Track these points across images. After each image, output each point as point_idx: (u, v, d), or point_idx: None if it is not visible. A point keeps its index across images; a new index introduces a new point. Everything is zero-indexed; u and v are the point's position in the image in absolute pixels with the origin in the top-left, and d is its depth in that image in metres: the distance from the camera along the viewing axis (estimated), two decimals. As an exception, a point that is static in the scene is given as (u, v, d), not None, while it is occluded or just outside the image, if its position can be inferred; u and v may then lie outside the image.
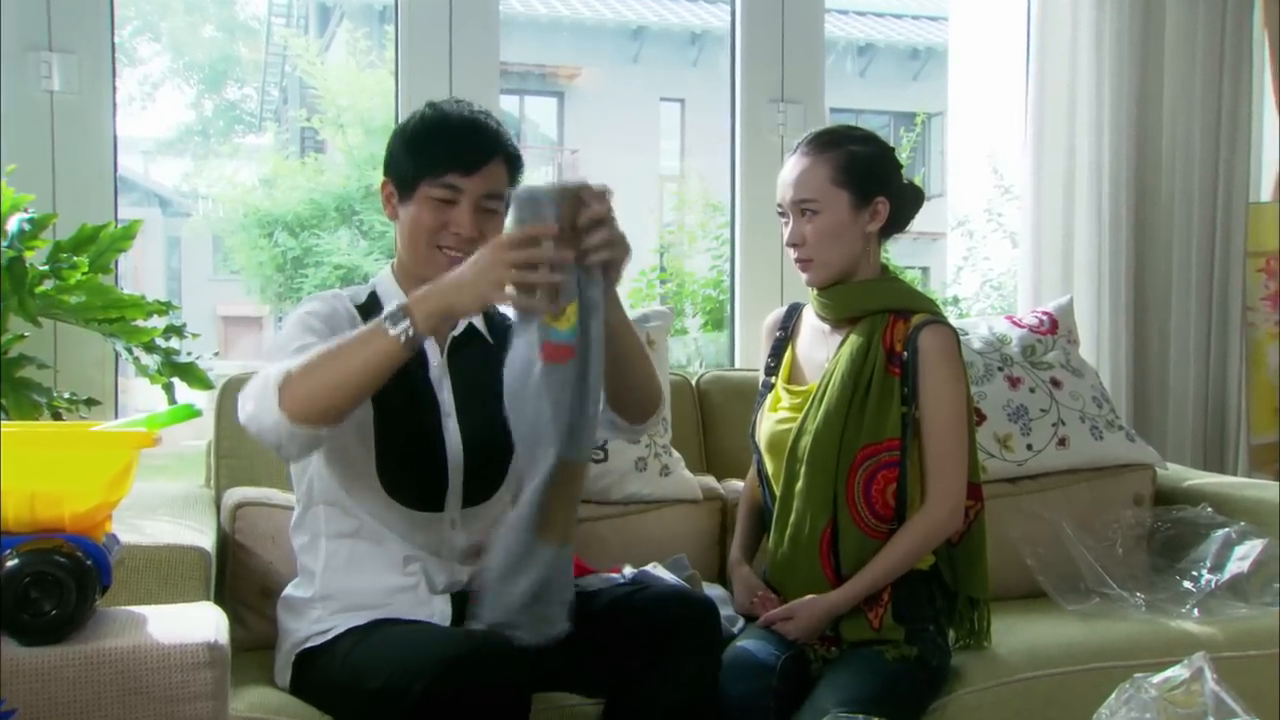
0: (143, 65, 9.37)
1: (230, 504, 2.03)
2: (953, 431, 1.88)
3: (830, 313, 1.98)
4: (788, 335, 2.08)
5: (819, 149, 1.92)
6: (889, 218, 1.94)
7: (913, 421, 1.88)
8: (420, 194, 1.69)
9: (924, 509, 1.87)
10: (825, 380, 1.92)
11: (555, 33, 9.58)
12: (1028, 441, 2.44)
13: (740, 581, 1.99)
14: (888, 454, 1.86)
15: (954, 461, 1.88)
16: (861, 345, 1.90)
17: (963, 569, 1.95)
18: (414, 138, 1.71)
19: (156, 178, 9.92)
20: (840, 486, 1.86)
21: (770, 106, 2.94)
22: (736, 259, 2.98)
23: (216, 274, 9.55)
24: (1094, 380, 2.59)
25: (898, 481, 1.86)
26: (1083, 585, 2.22)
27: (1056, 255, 3.08)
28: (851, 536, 1.86)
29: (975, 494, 1.94)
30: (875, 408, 1.87)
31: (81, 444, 1.35)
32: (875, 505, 1.86)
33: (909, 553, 1.86)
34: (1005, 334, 2.56)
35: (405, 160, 1.70)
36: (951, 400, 1.88)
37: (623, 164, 8.74)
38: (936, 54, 10.35)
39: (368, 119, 7.49)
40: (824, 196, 1.90)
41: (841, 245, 1.91)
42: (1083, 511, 2.39)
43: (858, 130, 1.98)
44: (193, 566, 1.72)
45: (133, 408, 2.69)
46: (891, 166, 1.96)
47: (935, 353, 1.88)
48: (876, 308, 1.94)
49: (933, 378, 1.87)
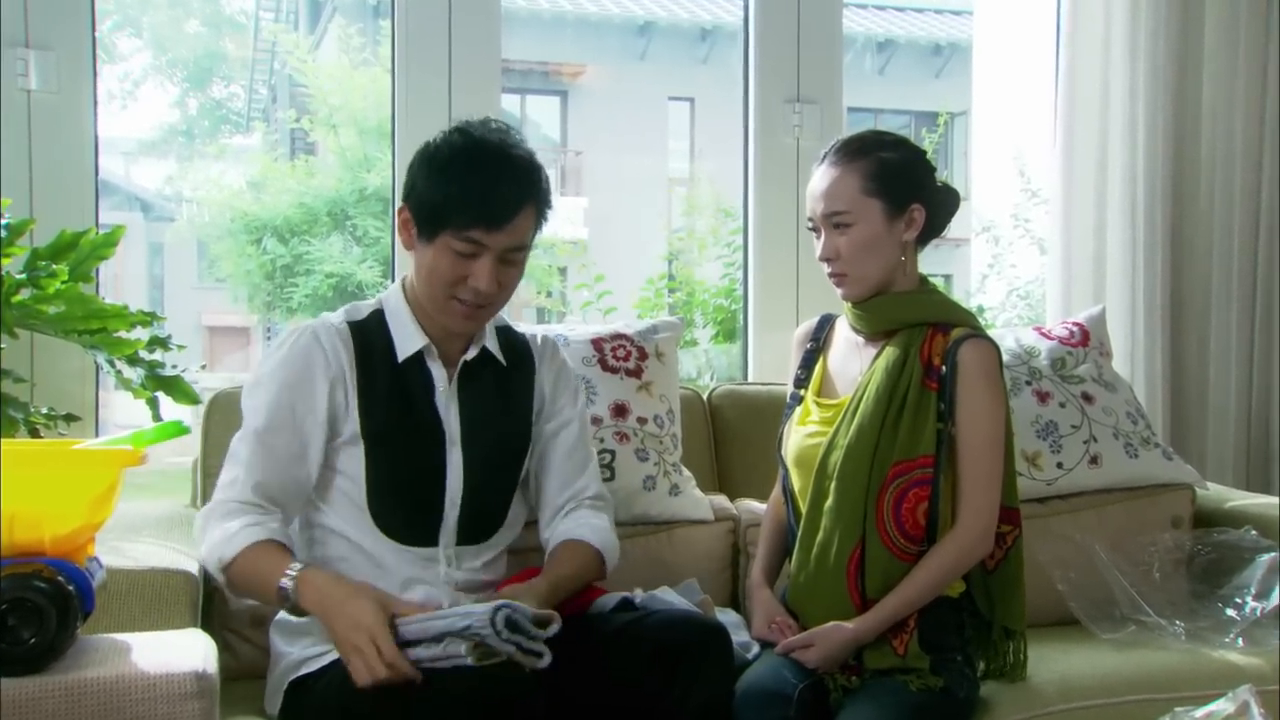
0: (123, 62, 9.40)
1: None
2: (989, 452, 1.88)
3: (866, 325, 1.99)
4: (819, 346, 2.09)
5: (847, 157, 1.92)
6: (925, 224, 1.95)
7: (948, 438, 1.88)
8: (440, 242, 1.69)
9: (954, 532, 1.87)
10: (859, 393, 1.92)
11: (558, 28, 9.60)
12: (1058, 460, 2.44)
13: (759, 605, 1.99)
14: (920, 471, 1.86)
15: (988, 483, 1.88)
16: (898, 358, 1.91)
17: (998, 597, 1.94)
18: (440, 180, 1.68)
19: (138, 180, 9.95)
20: (870, 504, 1.86)
21: (785, 107, 2.94)
22: (750, 267, 2.98)
23: (201, 282, 9.56)
24: (1128, 395, 2.58)
25: (929, 500, 1.86)
26: (1118, 612, 2.21)
27: (1088, 262, 3.08)
28: (878, 557, 1.86)
29: (1012, 519, 1.94)
30: (910, 423, 1.87)
31: (64, 463, 1.35)
32: (905, 525, 1.85)
33: (937, 578, 1.85)
34: (1033, 346, 2.55)
35: (429, 202, 1.69)
36: (989, 419, 1.88)
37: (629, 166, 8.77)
38: (960, 50, 10.35)
39: (361, 119, 7.50)
40: (856, 207, 1.90)
41: (877, 257, 1.92)
42: (1117, 534, 2.38)
43: (887, 135, 1.98)
44: (179, 591, 1.73)
45: (113, 423, 2.69)
46: (925, 170, 1.97)
47: (975, 368, 1.88)
48: (914, 320, 1.94)
49: (971, 394, 1.88)
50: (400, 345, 1.78)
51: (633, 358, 2.35)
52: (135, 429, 1.46)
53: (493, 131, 1.72)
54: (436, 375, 1.78)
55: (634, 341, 2.38)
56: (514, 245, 1.70)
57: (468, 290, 1.70)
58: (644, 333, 2.41)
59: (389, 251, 1.86)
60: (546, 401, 1.91)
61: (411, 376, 1.77)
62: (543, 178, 1.74)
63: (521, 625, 1.50)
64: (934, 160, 2.02)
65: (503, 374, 1.84)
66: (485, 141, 1.70)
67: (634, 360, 2.35)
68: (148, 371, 2.07)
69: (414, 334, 1.78)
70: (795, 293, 2.90)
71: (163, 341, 2.10)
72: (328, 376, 1.72)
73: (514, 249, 1.71)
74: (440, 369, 1.79)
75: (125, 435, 1.40)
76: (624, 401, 2.30)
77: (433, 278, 1.71)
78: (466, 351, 1.81)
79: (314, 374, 1.71)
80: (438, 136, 1.73)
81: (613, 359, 2.34)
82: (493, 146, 1.70)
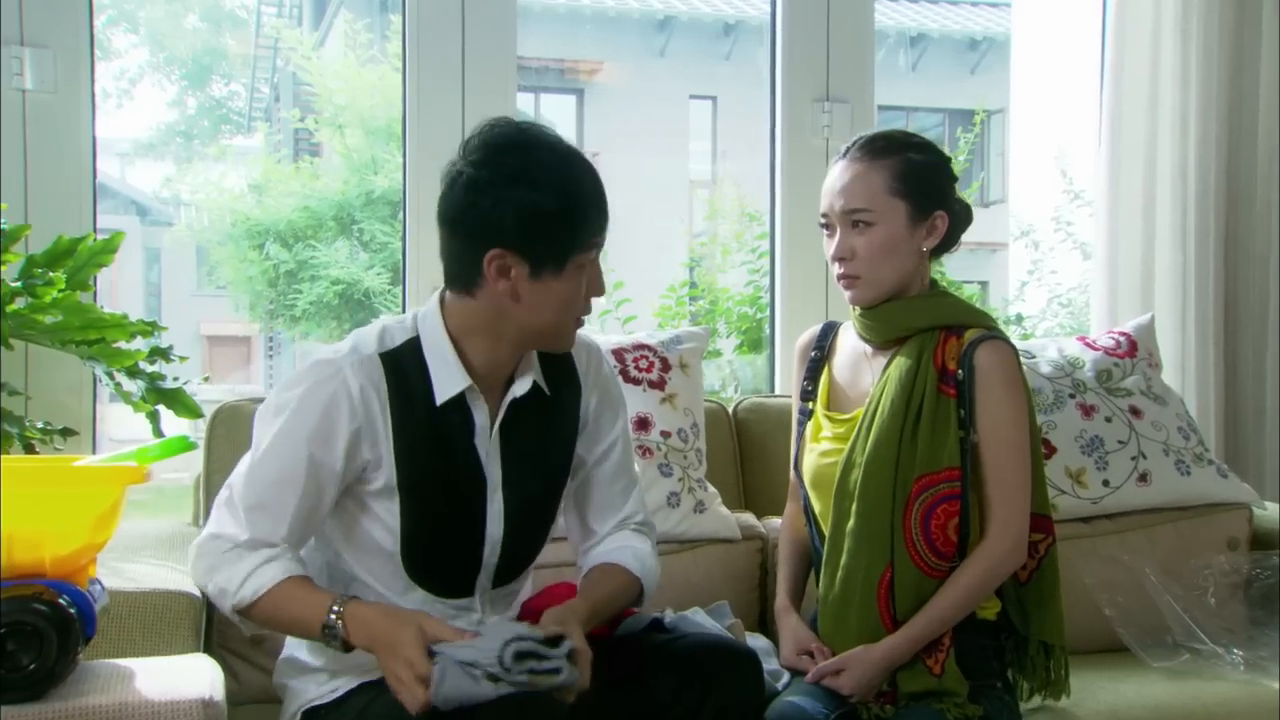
0: (118, 59, 9.48)
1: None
2: (1013, 457, 1.87)
3: (875, 334, 1.98)
4: (824, 356, 2.08)
5: (873, 154, 1.92)
6: (944, 235, 1.95)
7: (972, 447, 1.88)
8: (573, 265, 1.62)
9: (983, 545, 1.86)
10: (872, 406, 1.92)
11: (574, 24, 9.63)
12: (1104, 477, 2.43)
13: (788, 630, 1.98)
14: (947, 484, 1.85)
15: (1015, 491, 1.87)
16: (910, 366, 1.90)
17: (1033, 611, 1.94)
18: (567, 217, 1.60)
19: (134, 183, 10.03)
20: (897, 522, 1.85)
21: (814, 106, 2.95)
22: (776, 274, 2.98)
23: (200, 289, 9.62)
24: (1179, 408, 2.57)
25: (960, 515, 1.85)
26: (1170, 639, 2.20)
27: (1135, 268, 3.07)
28: (909, 578, 1.85)
29: (1045, 527, 1.94)
30: (929, 433, 1.87)
31: (65, 480, 1.36)
32: (936, 542, 1.85)
33: (968, 594, 1.85)
34: (1077, 357, 2.55)
35: (556, 228, 1.60)
36: (1011, 423, 1.88)
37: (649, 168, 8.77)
38: (997, 44, 10.34)
39: (368, 119, 7.54)
40: (879, 206, 1.90)
41: (894, 261, 1.92)
42: (1168, 556, 2.37)
43: (915, 136, 1.98)
44: (181, 614, 1.74)
45: (108, 438, 2.71)
46: (950, 178, 1.97)
47: (993, 371, 1.88)
48: (925, 325, 1.94)
49: (991, 399, 1.87)
50: (440, 386, 1.67)
51: (655, 369, 2.36)
52: (137, 444, 1.48)
53: (532, 128, 1.66)
54: (478, 417, 1.70)
55: (657, 352, 2.39)
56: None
57: (587, 304, 1.67)
58: (667, 343, 2.42)
59: (398, 257, 1.83)
60: (590, 422, 1.84)
61: (450, 418, 1.68)
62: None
63: (534, 652, 1.50)
64: (970, 161, 2.02)
65: (547, 404, 1.77)
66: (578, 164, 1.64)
67: (657, 372, 2.36)
68: (148, 384, 2.08)
69: (455, 374, 1.67)
70: (824, 300, 2.90)
71: (164, 352, 2.11)
72: (351, 428, 1.62)
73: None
74: (482, 409, 1.70)
75: (129, 451, 1.41)
76: (646, 414, 2.31)
77: (565, 307, 1.64)
78: (511, 384, 1.73)
79: (336, 428, 1.61)
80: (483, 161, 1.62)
81: (635, 370, 2.34)
82: (555, 140, 1.65)
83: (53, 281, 2.01)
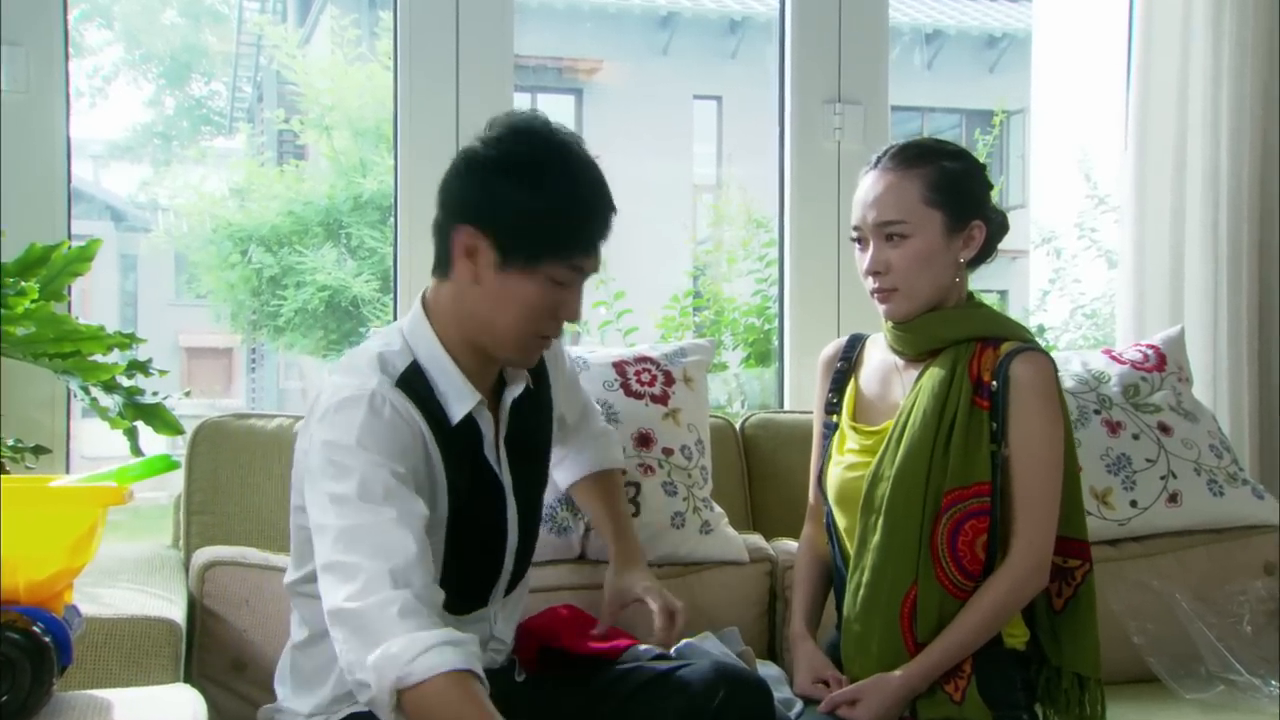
0: (92, 56, 9.49)
1: (199, 564, 2.05)
2: (1044, 476, 1.88)
3: (909, 346, 1.99)
4: (850, 368, 2.09)
5: (906, 164, 1.93)
6: (981, 245, 1.96)
7: (1003, 462, 1.88)
8: (543, 272, 1.62)
9: (1005, 564, 1.87)
10: (903, 417, 1.93)
11: (573, 21, 9.64)
12: (1131, 497, 2.43)
13: (802, 657, 1.99)
14: (976, 500, 1.86)
15: (1042, 509, 1.88)
16: (945, 377, 1.91)
17: (1067, 641, 1.94)
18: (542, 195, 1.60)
19: (109, 186, 10.03)
20: (925, 538, 1.86)
21: (825, 107, 2.95)
22: (786, 283, 2.98)
23: (179, 298, 9.62)
24: (1211, 425, 2.57)
25: (989, 531, 1.86)
26: (1203, 670, 2.20)
27: (1163, 277, 3.07)
28: (932, 598, 1.86)
29: (1081, 552, 1.94)
30: (961, 446, 1.87)
31: (41, 502, 1.36)
32: (963, 560, 1.85)
33: (989, 617, 1.85)
34: (1102, 371, 2.55)
35: (533, 226, 1.60)
36: (1043, 439, 1.88)
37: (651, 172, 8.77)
38: (1017, 41, 10.36)
39: (356, 120, 7.55)
40: (915, 218, 1.91)
41: (931, 274, 1.93)
42: (1201, 581, 2.37)
43: (947, 144, 2.00)
44: (161, 641, 1.74)
45: (81, 455, 2.70)
46: (986, 186, 1.98)
47: (1029, 384, 1.89)
48: (961, 336, 1.95)
49: (1025, 413, 1.88)
50: (450, 405, 1.67)
51: (658, 383, 2.36)
52: (113, 463, 1.47)
53: (564, 133, 1.66)
54: (484, 427, 1.72)
55: (660, 365, 2.39)
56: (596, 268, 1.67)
57: (552, 324, 1.66)
58: (671, 355, 2.42)
59: (388, 264, 1.83)
60: (559, 404, 1.93)
61: (465, 437, 1.70)
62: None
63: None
64: (989, 164, 2.02)
65: (531, 398, 1.82)
66: (570, 147, 1.64)
67: (660, 385, 2.36)
68: (126, 399, 2.07)
69: (464, 390, 1.68)
70: (836, 311, 2.90)
71: (142, 366, 2.11)
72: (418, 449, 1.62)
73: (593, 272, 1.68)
74: (488, 419, 1.73)
75: (108, 471, 1.41)
76: (649, 430, 2.31)
77: (527, 310, 1.63)
78: (504, 387, 1.76)
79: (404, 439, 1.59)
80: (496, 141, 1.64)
81: (637, 384, 2.34)
82: (581, 153, 1.65)
83: (25, 291, 2.01)
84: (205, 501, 2.19)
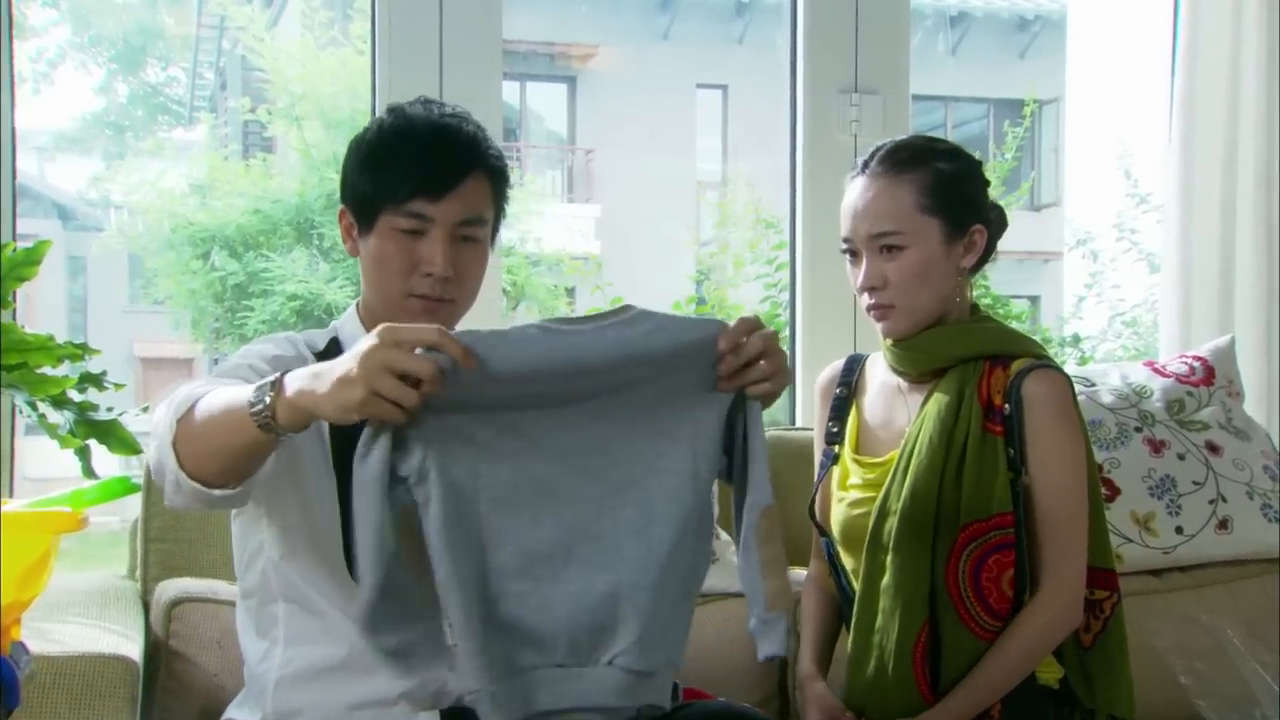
0: (35, 38, 9.49)
1: (165, 600, 2.04)
2: (1068, 503, 1.88)
3: (911, 366, 1.99)
4: (850, 393, 2.09)
5: (898, 168, 1.93)
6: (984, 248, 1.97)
7: (1024, 490, 1.88)
8: (382, 225, 1.73)
9: (1035, 602, 1.87)
10: (908, 447, 1.92)
11: (566, 3, 9.68)
12: (1176, 523, 2.43)
13: (813, 700, 1.98)
14: (999, 532, 1.86)
15: (1070, 540, 1.88)
16: (951, 401, 1.91)
17: (1099, 679, 1.94)
18: (371, 155, 1.76)
19: (55, 182, 10.05)
20: (939, 577, 1.86)
21: (840, 97, 2.95)
22: (798, 288, 2.98)
23: (134, 304, 9.65)
24: (1265, 445, 2.57)
25: (1016, 566, 1.86)
26: (1258, 714, 2.19)
27: (1211, 283, 3.07)
28: (957, 641, 1.85)
29: (1109, 582, 1.94)
30: (975, 476, 1.87)
31: (-15, 528, 1.36)
32: (989, 598, 1.85)
33: (1018, 661, 1.85)
34: (1144, 385, 2.55)
35: (362, 183, 1.75)
36: (1064, 464, 1.89)
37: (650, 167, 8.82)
38: (1051, 24, 10.40)
39: (329, 110, 7.57)
40: (911, 228, 1.91)
41: (931, 286, 1.93)
42: (1255, 616, 2.37)
43: (939, 141, 2.00)
44: (115, 682, 1.73)
45: (24, 477, 2.70)
46: (983, 185, 1.99)
47: (1043, 403, 1.89)
48: (968, 354, 1.95)
49: (1042, 436, 1.88)
50: None
51: (660, 398, 2.36)
52: (66, 485, 1.47)
53: (432, 106, 1.79)
54: None
55: (661, 378, 2.38)
56: (467, 217, 1.73)
57: (422, 279, 1.73)
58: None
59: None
60: None
61: None
62: (492, 147, 1.80)
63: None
64: (1019, 159, 2.03)
65: None
66: (423, 115, 1.77)
67: (661, 401, 2.36)
68: (78, 415, 2.06)
69: None
70: (852, 320, 2.90)
71: (95, 379, 2.10)
72: None
73: (468, 222, 1.73)
74: None
75: (62, 494, 1.41)
76: (649, 451, 2.31)
77: (381, 268, 1.74)
78: None
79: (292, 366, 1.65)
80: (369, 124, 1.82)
81: (636, 400, 2.34)
82: (431, 118, 1.77)
83: (-34, 298, 2.01)
84: (165, 528, 2.18)
